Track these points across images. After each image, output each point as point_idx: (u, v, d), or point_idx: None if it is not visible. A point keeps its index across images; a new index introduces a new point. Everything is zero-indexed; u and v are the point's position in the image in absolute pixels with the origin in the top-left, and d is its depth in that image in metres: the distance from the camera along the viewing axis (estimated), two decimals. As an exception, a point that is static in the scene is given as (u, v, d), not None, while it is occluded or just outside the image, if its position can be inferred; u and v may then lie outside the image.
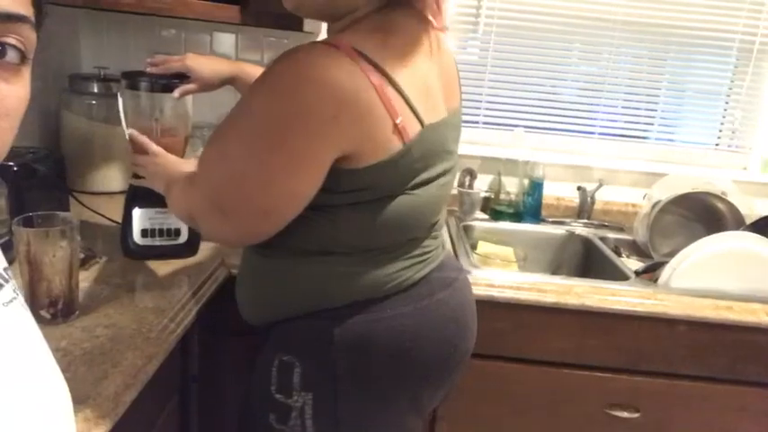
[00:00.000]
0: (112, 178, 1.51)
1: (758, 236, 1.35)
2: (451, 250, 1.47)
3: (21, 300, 0.47)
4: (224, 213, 0.79)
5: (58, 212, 0.88)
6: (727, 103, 1.87)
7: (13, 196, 1.12)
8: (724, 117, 1.89)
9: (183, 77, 1.10)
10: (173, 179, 0.95)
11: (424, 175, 0.81)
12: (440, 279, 0.90)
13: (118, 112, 1.10)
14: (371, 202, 0.79)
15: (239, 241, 0.90)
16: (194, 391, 1.10)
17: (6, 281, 0.46)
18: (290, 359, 0.83)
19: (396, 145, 0.75)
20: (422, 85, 0.80)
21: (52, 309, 0.86)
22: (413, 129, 0.77)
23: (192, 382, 1.09)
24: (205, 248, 1.20)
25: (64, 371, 0.75)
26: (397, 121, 0.74)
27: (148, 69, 1.11)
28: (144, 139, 1.03)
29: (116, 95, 1.44)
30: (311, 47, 0.72)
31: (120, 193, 1.50)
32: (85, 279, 1.02)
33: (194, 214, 0.86)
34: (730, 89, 1.85)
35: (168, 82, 1.08)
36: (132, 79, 1.08)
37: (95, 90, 1.48)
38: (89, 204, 1.33)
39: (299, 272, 0.84)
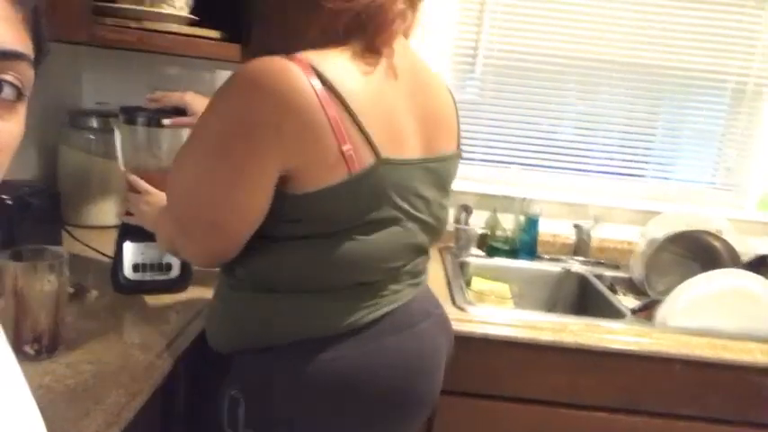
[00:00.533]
0: (108, 212, 1.52)
1: (754, 274, 1.35)
2: (445, 287, 1.46)
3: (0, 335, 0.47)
4: (184, 232, 0.81)
5: (47, 246, 0.88)
6: (722, 142, 1.88)
7: (6, 229, 1.12)
8: (719, 156, 1.90)
9: (180, 113, 1.11)
10: (161, 216, 0.96)
11: (379, 215, 0.77)
12: (395, 323, 0.84)
13: (115, 147, 1.11)
14: (317, 239, 0.77)
15: (205, 262, 0.91)
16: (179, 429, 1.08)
17: None
18: (237, 394, 0.82)
19: (341, 173, 0.72)
20: (386, 119, 0.77)
21: (36, 344, 0.85)
22: (363, 159, 0.73)
23: (176, 421, 1.07)
24: (196, 283, 1.19)
25: (45, 408, 0.74)
26: (344, 148, 0.71)
27: (147, 104, 1.12)
28: (134, 178, 1.03)
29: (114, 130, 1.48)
30: (267, 59, 0.70)
31: (116, 227, 1.50)
32: (74, 314, 1.01)
33: (172, 240, 0.87)
34: (725, 129, 1.87)
35: (164, 115, 1.09)
36: (130, 114, 1.09)
37: (94, 125, 1.50)
38: (84, 238, 1.33)
39: (249, 305, 0.83)
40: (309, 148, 0.71)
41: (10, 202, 1.19)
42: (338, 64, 0.74)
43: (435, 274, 1.54)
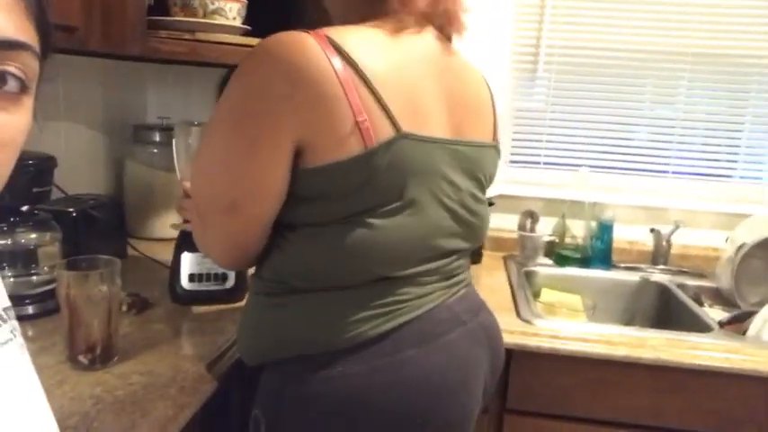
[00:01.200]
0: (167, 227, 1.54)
1: None
2: (509, 299, 1.38)
3: (19, 341, 0.45)
4: (204, 224, 0.78)
5: (101, 256, 0.88)
6: (819, 136, 1.70)
7: (71, 243, 1.15)
8: (817, 152, 1.72)
9: None
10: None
11: (400, 196, 0.72)
12: (417, 333, 0.76)
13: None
14: (334, 225, 0.72)
15: (227, 257, 0.82)
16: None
17: (5, 321, 0.44)
18: (258, 414, 0.78)
19: (356, 146, 0.68)
20: (408, 94, 0.73)
21: (90, 354, 0.85)
22: (381, 133, 0.69)
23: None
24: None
25: (93, 419, 0.74)
26: (359, 119, 0.67)
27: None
28: (187, 185, 1.03)
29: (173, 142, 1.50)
30: (285, 32, 0.69)
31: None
32: (130, 324, 1.02)
33: (198, 239, 0.84)
34: (823, 121, 1.69)
35: None
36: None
37: (157, 139, 1.53)
38: (149, 251, 1.35)
39: (265, 311, 0.79)
40: (323, 119, 0.67)
41: (74, 215, 1.22)
42: (358, 37, 0.72)
43: (499, 286, 1.46)
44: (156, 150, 1.53)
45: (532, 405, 1.20)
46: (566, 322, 1.28)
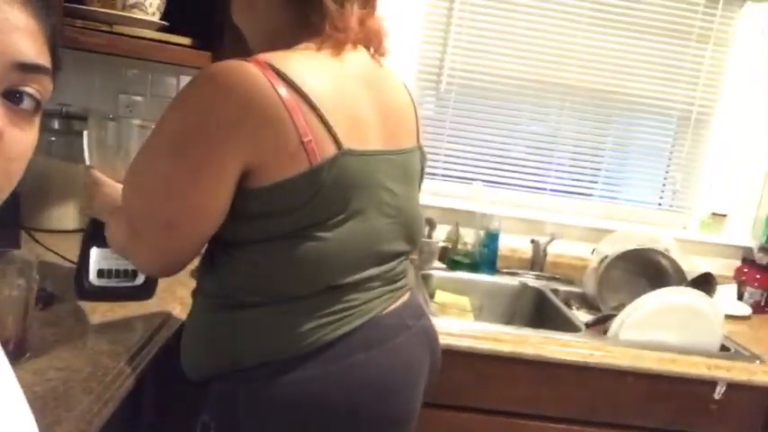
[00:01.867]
0: (69, 216, 1.48)
1: (699, 292, 1.43)
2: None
3: None
4: (136, 233, 0.80)
5: (14, 250, 0.86)
6: (668, 165, 1.99)
7: (-37, 232, 1.08)
8: (665, 179, 2.01)
9: None
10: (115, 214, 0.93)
11: (344, 209, 0.77)
12: (365, 338, 0.81)
13: (77, 149, 1.08)
14: (280, 240, 0.76)
15: (157, 267, 0.86)
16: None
17: None
18: (207, 420, 0.81)
19: (302, 164, 0.73)
20: (347, 111, 0.78)
21: (1, 350, 0.82)
22: (324, 150, 0.74)
23: (144, 429, 1.05)
24: (161, 291, 1.18)
25: (14, 416, 0.73)
26: (305, 140, 0.72)
27: None
28: (97, 172, 1.01)
29: (77, 133, 1.44)
30: (226, 61, 0.72)
31: (76, 231, 1.47)
32: (36, 319, 0.98)
33: (123, 245, 0.86)
34: (671, 153, 1.98)
35: None
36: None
37: (56, 127, 1.46)
38: (44, 242, 1.29)
39: (216, 324, 0.82)
40: (270, 142, 0.72)
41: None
42: (297, 61, 0.76)
43: (399, 286, 1.56)
44: (53, 138, 1.46)
45: (428, 397, 1.30)
46: (458, 321, 1.41)
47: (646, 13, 1.86)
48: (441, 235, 1.83)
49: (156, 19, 1.27)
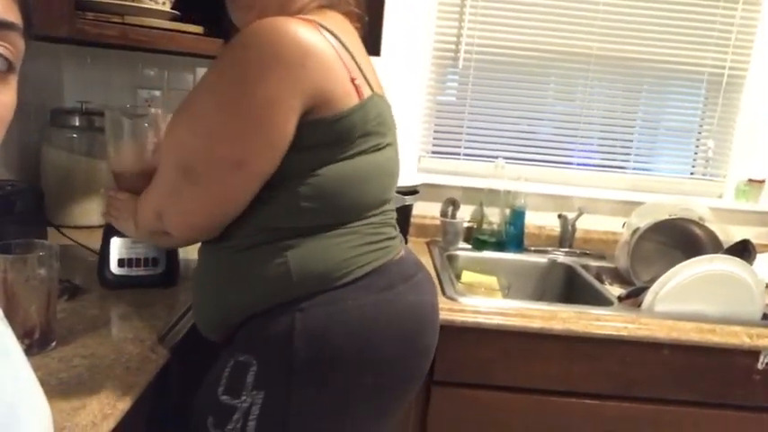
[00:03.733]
0: (93, 212, 1.49)
1: (736, 259, 1.37)
2: (435, 279, 1.46)
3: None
4: (195, 181, 0.81)
5: (37, 240, 0.87)
6: (700, 133, 1.92)
7: (-10, 229, 1.10)
8: (697, 147, 1.94)
9: None
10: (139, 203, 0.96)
11: (377, 140, 0.86)
12: (399, 272, 0.89)
13: (99, 146, 1.09)
14: (332, 164, 0.81)
15: (211, 219, 0.85)
16: (174, 421, 1.07)
17: None
18: (247, 358, 0.82)
19: (353, 99, 0.81)
20: (367, 62, 0.89)
21: (27, 339, 0.83)
22: (365, 91, 0.83)
23: (171, 413, 1.06)
24: (183, 279, 1.18)
25: (39, 401, 0.73)
26: (353, 77, 0.81)
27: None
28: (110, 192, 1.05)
29: (98, 129, 1.45)
30: (274, 17, 0.78)
31: (101, 226, 1.48)
32: (62, 310, 1.00)
33: (160, 208, 0.87)
34: (702, 120, 1.91)
35: None
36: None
37: (77, 124, 1.48)
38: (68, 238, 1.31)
39: (256, 263, 0.83)
40: (330, 79, 0.79)
41: (-8, 201, 1.17)
42: (321, 18, 0.83)
43: (424, 268, 1.54)
44: (75, 135, 1.47)
45: (458, 376, 1.29)
46: (486, 299, 1.38)
47: (669, -26, 1.79)
48: (465, 215, 1.80)
49: (166, 8, 1.26)
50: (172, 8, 1.28)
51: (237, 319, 0.86)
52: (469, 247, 1.76)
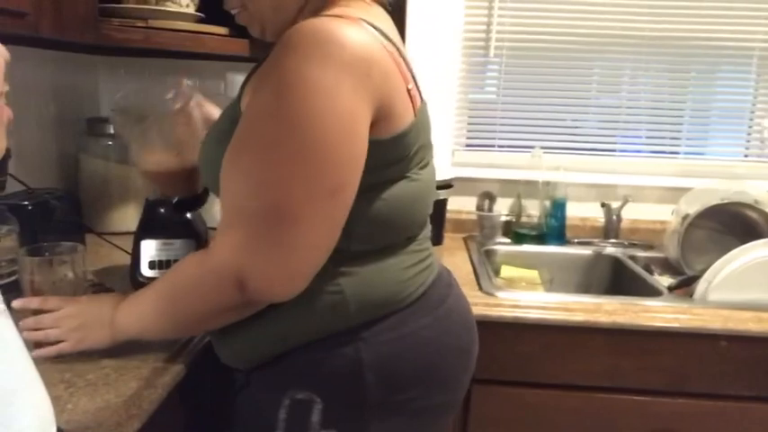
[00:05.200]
0: (130, 218, 1.52)
1: (797, 242, 1.28)
2: (472, 275, 1.42)
3: (1, 307, 0.46)
4: (294, 222, 0.67)
5: (64, 242, 0.87)
6: (753, 112, 1.81)
7: (29, 236, 1.12)
8: (750, 127, 1.82)
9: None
10: (121, 311, 0.81)
11: (425, 154, 0.80)
12: (442, 285, 0.87)
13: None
14: (385, 186, 0.75)
15: (317, 261, 0.71)
16: (203, 424, 1.06)
17: None
18: (308, 396, 0.75)
19: (410, 113, 0.74)
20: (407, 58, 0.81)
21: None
22: (418, 99, 0.77)
23: (201, 415, 1.05)
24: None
25: (66, 402, 0.74)
26: (409, 87, 0.74)
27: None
28: (35, 300, 0.82)
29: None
30: (318, 19, 0.68)
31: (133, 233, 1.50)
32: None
33: (243, 273, 0.68)
34: (755, 98, 1.80)
35: None
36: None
37: (112, 131, 1.50)
38: (100, 244, 1.33)
39: (306, 292, 0.73)
40: (391, 92, 0.71)
41: (31, 208, 1.19)
42: (368, 15, 0.75)
43: (462, 264, 1.50)
44: (110, 143, 1.50)
45: (498, 373, 1.24)
46: (525, 293, 1.33)
47: (712, -54, 1.69)
48: (502, 208, 1.75)
49: (191, 11, 1.27)
50: (196, 10, 1.29)
51: (279, 351, 0.78)
52: (508, 241, 1.71)
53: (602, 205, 1.72)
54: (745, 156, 1.84)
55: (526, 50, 1.78)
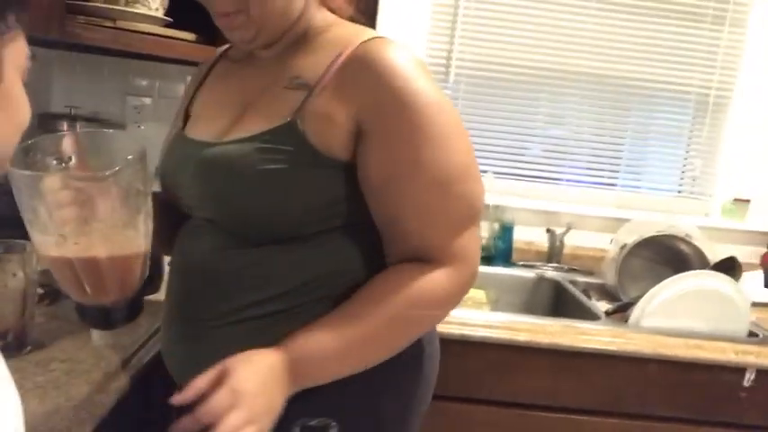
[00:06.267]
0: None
1: (723, 275, 1.38)
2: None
3: None
4: (481, 205, 0.79)
5: (16, 240, 0.85)
6: (687, 151, 1.94)
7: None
8: (685, 165, 1.95)
9: None
10: (302, 363, 0.71)
11: None
12: None
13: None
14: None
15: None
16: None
17: None
18: (322, 422, 0.73)
19: None
20: None
21: (1, 341, 0.81)
22: None
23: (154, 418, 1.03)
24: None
25: (13, 405, 0.72)
26: None
27: None
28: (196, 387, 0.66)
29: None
30: (398, 47, 0.75)
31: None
32: (42, 314, 0.98)
33: (470, 253, 0.77)
34: (690, 138, 1.93)
35: None
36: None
37: (64, 129, 1.46)
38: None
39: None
40: None
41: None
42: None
43: (412, 280, 1.53)
44: (62, 141, 1.46)
45: (444, 390, 1.26)
46: (472, 311, 1.37)
47: (658, -5, 1.82)
48: (454, 228, 1.80)
49: (159, 15, 1.26)
50: (165, 14, 1.28)
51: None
52: (458, 260, 1.76)
53: (547, 231, 1.80)
54: (679, 192, 1.97)
55: (483, 80, 1.85)
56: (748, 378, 1.28)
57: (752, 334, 1.38)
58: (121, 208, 0.65)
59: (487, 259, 1.74)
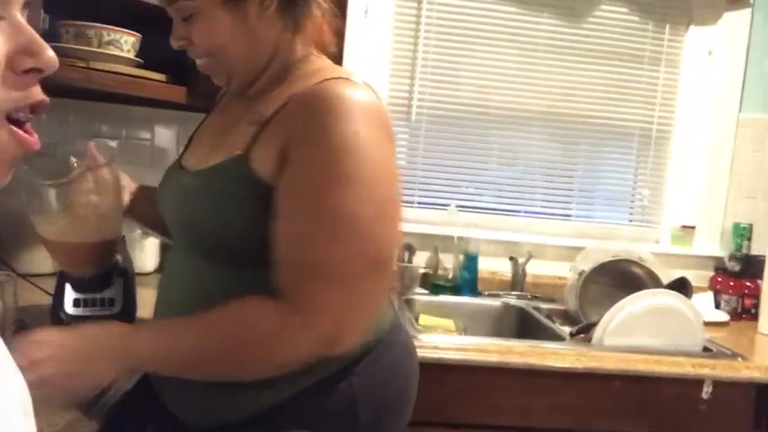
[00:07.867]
0: (46, 260, 1.46)
1: (676, 293, 1.46)
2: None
3: None
4: (384, 269, 0.74)
5: (-6, 271, 0.85)
6: (635, 182, 2.06)
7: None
8: (633, 196, 2.07)
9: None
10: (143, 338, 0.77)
11: None
12: (394, 313, 0.95)
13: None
14: None
15: (363, 324, 0.78)
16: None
17: None
18: None
19: None
20: None
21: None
22: None
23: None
24: (140, 320, 1.16)
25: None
26: None
27: None
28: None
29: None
30: (350, 85, 0.76)
31: (52, 274, 1.44)
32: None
33: (341, 325, 0.72)
34: (636, 170, 2.06)
35: None
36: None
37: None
38: (22, 285, 1.27)
39: None
40: None
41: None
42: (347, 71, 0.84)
43: (382, 311, 1.56)
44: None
45: (417, 414, 1.28)
46: (444, 336, 1.41)
47: (600, 39, 1.97)
48: (420, 261, 1.85)
49: (131, 56, 1.30)
50: (136, 56, 1.32)
51: (269, 402, 0.78)
52: (426, 292, 1.80)
53: (511, 259, 1.87)
54: (630, 221, 2.08)
55: (442, 118, 1.95)
56: (706, 391, 1.35)
57: (706, 350, 1.45)
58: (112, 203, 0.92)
59: (454, 289, 1.79)
